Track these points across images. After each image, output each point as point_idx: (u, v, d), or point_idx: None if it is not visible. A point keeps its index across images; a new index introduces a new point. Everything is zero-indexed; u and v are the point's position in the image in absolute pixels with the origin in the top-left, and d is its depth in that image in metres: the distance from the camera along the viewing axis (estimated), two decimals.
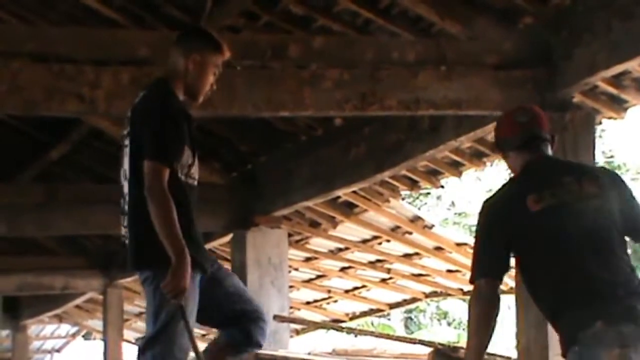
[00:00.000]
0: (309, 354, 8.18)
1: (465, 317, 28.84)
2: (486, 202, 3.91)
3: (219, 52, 4.37)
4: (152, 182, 4.09)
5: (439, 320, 31.10)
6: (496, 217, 3.85)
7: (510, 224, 3.81)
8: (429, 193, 28.46)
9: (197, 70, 4.30)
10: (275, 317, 8.78)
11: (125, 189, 4.29)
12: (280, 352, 8.17)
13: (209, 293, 4.41)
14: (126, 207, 4.30)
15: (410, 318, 31.18)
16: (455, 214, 29.24)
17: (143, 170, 4.11)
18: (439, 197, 29.75)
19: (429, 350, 7.64)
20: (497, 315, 3.83)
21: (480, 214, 3.89)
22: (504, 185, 4.02)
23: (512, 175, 4.05)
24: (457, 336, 27.39)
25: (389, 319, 29.01)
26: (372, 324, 26.68)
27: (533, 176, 3.89)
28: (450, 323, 30.67)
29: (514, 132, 3.96)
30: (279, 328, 8.97)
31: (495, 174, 30.96)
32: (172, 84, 4.28)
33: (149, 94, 4.28)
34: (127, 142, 4.27)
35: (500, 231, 3.82)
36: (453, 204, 30.14)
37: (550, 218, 3.75)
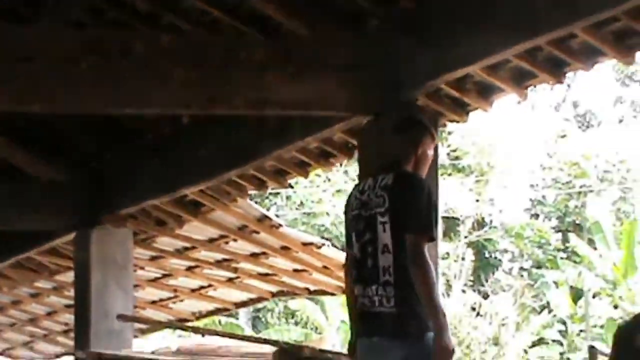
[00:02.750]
0: (153, 353, 8.11)
1: (313, 317, 29.02)
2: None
3: (434, 141, 5.06)
4: (424, 256, 4.50)
5: (286, 319, 31.26)
6: None
7: None
8: (278, 193, 28.60)
9: (424, 159, 4.91)
10: (119, 316, 8.68)
11: (388, 262, 4.58)
12: (124, 352, 8.07)
13: None
14: (387, 278, 4.58)
15: (258, 317, 31.28)
16: (304, 214, 29.43)
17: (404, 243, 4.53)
18: (288, 197, 29.91)
19: (274, 349, 7.69)
20: None
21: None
22: None
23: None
24: (304, 335, 27.61)
25: (236, 318, 29.03)
26: (220, 322, 26.65)
27: None
28: (297, 322, 30.88)
29: None
30: (123, 328, 8.87)
31: (344, 175, 31.28)
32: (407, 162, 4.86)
33: (403, 173, 4.82)
34: (385, 218, 4.62)
35: None
36: (302, 204, 30.32)
37: None
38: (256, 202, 10.78)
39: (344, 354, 8.06)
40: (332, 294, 11.03)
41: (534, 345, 29.89)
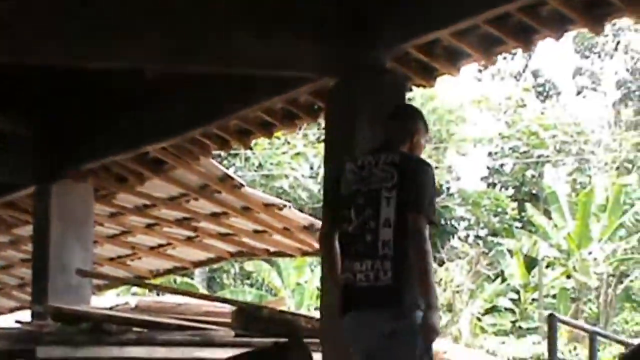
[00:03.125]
0: (112, 309, 8.07)
1: (268, 279, 29.04)
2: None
3: (427, 132, 5.29)
4: (425, 235, 4.61)
5: (242, 281, 31.31)
6: None
7: None
8: (237, 154, 28.54)
9: (418, 147, 5.07)
10: (78, 271, 8.64)
11: (388, 236, 4.67)
12: (83, 308, 8.02)
13: None
14: (386, 252, 4.66)
15: (214, 278, 31.30)
16: (263, 175, 29.41)
17: (406, 220, 4.64)
18: (247, 159, 29.86)
19: (233, 309, 7.70)
20: None
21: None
22: None
23: None
24: (259, 297, 27.66)
25: (192, 278, 29.03)
26: (175, 282, 26.62)
27: None
28: (253, 284, 30.94)
29: None
30: (81, 283, 8.83)
31: (303, 138, 31.27)
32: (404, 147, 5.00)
33: (408, 155, 4.95)
34: (391, 193, 4.72)
35: None
36: (261, 166, 30.29)
37: None
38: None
39: (303, 315, 8.12)
40: (292, 256, 11.04)
41: (486, 312, 30.18)
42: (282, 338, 6.81)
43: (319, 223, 9.74)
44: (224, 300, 7.87)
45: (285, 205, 9.45)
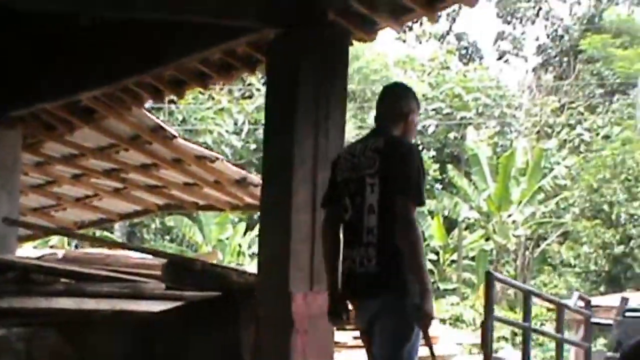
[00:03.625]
0: (39, 259, 7.92)
1: (189, 235, 28.86)
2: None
3: (419, 109, 5.16)
4: (411, 219, 4.55)
5: (162, 236, 31.10)
6: None
7: None
8: (160, 108, 28.20)
9: (412, 126, 4.98)
10: (4, 219, 8.46)
11: (372, 223, 4.64)
12: (9, 257, 7.86)
13: None
14: (370, 239, 4.64)
15: (134, 232, 31.01)
16: (187, 130, 29.12)
17: (392, 206, 4.57)
18: (171, 113, 29.56)
19: (163, 261, 7.59)
20: None
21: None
22: None
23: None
24: (179, 252, 27.51)
25: (111, 232, 28.74)
26: (94, 235, 26.34)
27: None
28: (173, 239, 30.76)
29: None
30: (7, 232, 8.64)
31: (227, 94, 31.05)
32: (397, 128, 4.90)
33: (394, 138, 4.82)
34: (374, 179, 4.68)
35: None
36: (184, 120, 30.02)
37: None
38: None
39: (235, 269, 8.05)
40: (221, 210, 10.95)
41: None
42: (214, 291, 6.74)
43: (251, 177, 9.68)
44: (155, 253, 7.75)
45: (217, 158, 9.32)
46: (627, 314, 13.25)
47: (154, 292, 7.22)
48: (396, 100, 4.98)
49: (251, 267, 18.95)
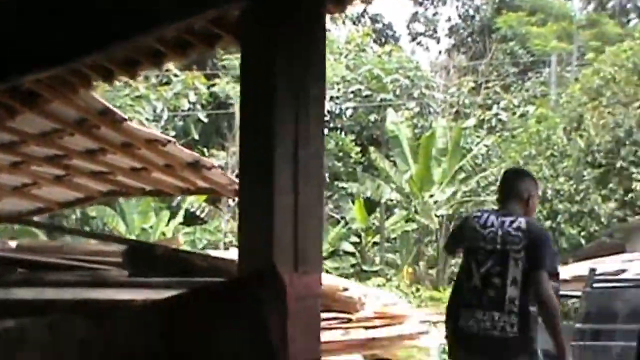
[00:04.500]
0: None
1: (112, 224, 28.41)
2: None
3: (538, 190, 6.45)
4: (547, 288, 5.68)
5: (82, 226, 30.56)
6: None
7: None
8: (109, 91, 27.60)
9: (533, 206, 6.14)
10: None
11: (514, 293, 5.73)
12: None
13: None
14: (511, 307, 5.73)
15: (52, 224, 30.38)
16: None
17: (532, 279, 5.75)
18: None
19: (123, 247, 7.32)
20: None
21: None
22: None
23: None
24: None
25: (28, 224, 28.11)
26: (13, 227, 25.72)
27: None
28: (94, 230, 30.23)
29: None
30: None
31: (144, 81, 30.57)
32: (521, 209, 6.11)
33: (532, 221, 6.08)
34: (519, 255, 5.77)
35: None
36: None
37: None
38: None
39: (197, 252, 7.81)
40: (170, 195, 10.64)
41: (329, 256, 30.35)
42: (177, 277, 6.50)
43: (204, 159, 9.41)
44: (115, 239, 7.47)
45: (169, 141, 8.99)
46: (595, 284, 13.27)
47: (119, 280, 6.94)
48: (522, 182, 6.11)
49: None
